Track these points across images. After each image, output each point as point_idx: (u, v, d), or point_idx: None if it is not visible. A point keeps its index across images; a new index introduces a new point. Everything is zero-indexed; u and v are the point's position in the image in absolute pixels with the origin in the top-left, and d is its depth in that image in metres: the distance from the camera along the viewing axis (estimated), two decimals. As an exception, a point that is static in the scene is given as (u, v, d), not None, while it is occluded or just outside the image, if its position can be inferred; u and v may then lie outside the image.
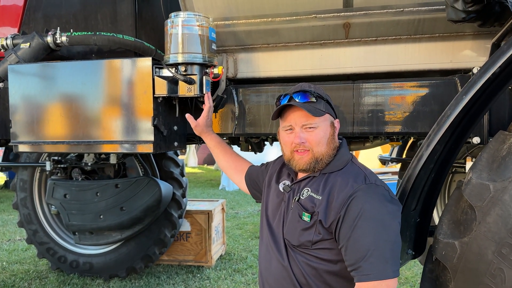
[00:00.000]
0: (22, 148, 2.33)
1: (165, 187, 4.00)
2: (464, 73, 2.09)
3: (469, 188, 1.46)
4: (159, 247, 4.33)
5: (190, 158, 15.39)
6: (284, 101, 1.63)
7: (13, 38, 2.44)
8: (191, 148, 14.88)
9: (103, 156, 3.89)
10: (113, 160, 3.81)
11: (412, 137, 3.31)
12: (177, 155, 4.64)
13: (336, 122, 1.69)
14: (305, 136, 1.59)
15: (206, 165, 15.98)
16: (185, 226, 4.71)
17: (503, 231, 1.34)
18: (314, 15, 2.06)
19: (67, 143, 2.26)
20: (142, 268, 4.40)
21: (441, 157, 1.66)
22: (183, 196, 4.47)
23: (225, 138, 2.88)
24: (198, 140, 2.58)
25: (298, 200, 1.62)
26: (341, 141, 1.72)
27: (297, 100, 1.60)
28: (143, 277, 4.43)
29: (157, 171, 4.33)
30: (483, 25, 1.76)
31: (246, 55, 2.34)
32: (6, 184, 10.20)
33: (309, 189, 1.61)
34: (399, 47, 2.14)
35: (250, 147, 3.13)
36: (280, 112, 1.67)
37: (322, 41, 2.19)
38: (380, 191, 1.51)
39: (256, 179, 2.03)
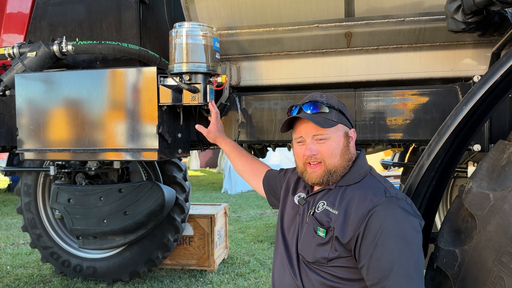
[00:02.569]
0: (28, 155, 2.37)
1: (168, 192, 4.02)
2: (464, 81, 2.12)
3: (470, 197, 1.49)
4: (162, 251, 4.35)
5: (192, 161, 15.42)
6: (294, 113, 1.59)
7: (19, 47, 2.47)
8: (193, 151, 14.92)
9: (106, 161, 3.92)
10: (116, 165, 3.84)
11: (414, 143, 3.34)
12: (180, 159, 4.67)
13: (352, 132, 1.61)
14: (317, 148, 1.53)
15: (208, 168, 16.02)
16: (188, 230, 4.73)
17: (503, 240, 1.36)
18: (316, 25, 2.09)
19: (72, 150, 2.29)
20: (145, 272, 4.42)
21: (443, 165, 1.69)
22: (186, 200, 4.49)
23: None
24: (201, 147, 2.61)
25: (313, 214, 1.55)
26: (359, 152, 1.64)
27: (307, 112, 1.55)
28: (146, 281, 4.46)
29: (160, 175, 4.35)
30: (483, 35, 1.78)
31: (249, 63, 2.38)
32: (10, 188, 10.20)
33: (325, 202, 1.54)
34: (401, 56, 2.17)
35: (252, 153, 3.16)
36: (291, 123, 1.63)
37: (324, 50, 2.22)
38: (402, 205, 1.42)
39: (274, 186, 1.95)
